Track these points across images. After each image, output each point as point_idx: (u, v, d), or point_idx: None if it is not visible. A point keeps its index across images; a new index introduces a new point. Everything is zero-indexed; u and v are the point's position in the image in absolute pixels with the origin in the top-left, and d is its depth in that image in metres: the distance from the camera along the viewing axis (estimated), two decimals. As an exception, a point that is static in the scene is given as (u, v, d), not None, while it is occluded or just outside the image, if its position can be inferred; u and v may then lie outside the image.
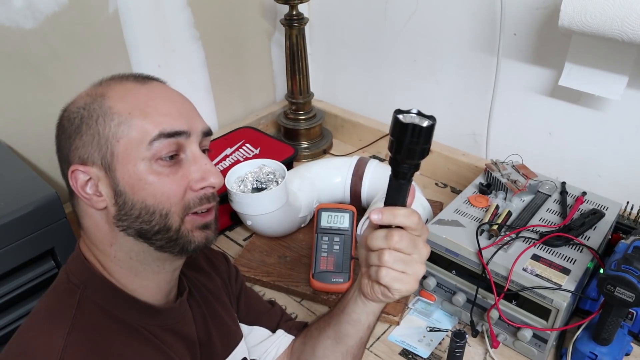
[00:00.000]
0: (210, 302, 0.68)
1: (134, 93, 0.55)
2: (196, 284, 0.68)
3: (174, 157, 0.54)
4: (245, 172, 1.06)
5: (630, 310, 0.82)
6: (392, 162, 0.52)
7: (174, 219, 0.54)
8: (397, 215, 0.53)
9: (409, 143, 0.49)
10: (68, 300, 0.54)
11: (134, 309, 0.57)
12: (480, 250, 0.83)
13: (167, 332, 0.59)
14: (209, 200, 0.56)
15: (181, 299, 0.62)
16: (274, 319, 0.77)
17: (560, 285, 0.77)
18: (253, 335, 0.75)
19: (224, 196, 1.05)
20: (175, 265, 0.60)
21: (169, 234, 0.54)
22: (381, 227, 0.55)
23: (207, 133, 0.59)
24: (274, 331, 0.76)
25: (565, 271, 0.79)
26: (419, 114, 0.49)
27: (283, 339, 0.75)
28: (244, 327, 0.74)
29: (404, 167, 0.51)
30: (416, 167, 0.52)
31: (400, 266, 0.54)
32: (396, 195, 0.53)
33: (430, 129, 0.49)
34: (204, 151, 0.58)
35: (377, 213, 0.54)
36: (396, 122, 0.49)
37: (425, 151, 0.50)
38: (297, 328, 0.76)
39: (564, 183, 0.98)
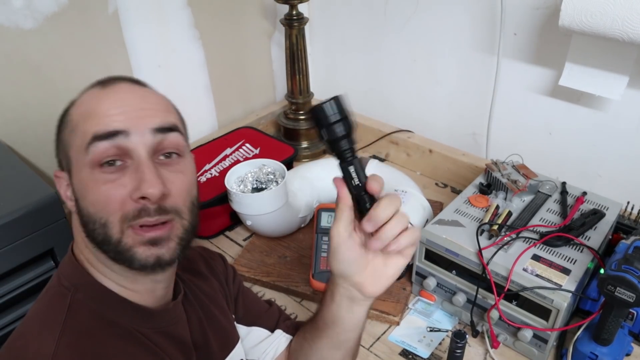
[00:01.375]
0: (206, 305, 0.67)
1: (91, 99, 0.54)
2: (192, 287, 0.66)
3: (118, 163, 0.51)
4: (245, 172, 1.06)
5: (630, 310, 0.82)
6: (332, 148, 0.53)
7: (113, 230, 0.51)
8: (379, 177, 0.54)
9: (323, 124, 0.52)
10: (59, 304, 0.53)
11: (126, 312, 0.55)
12: (480, 250, 0.83)
13: (161, 335, 0.57)
14: (149, 214, 0.50)
15: (175, 301, 0.61)
16: (272, 319, 0.76)
17: (561, 286, 0.77)
18: (251, 336, 0.75)
19: (224, 196, 1.06)
20: (150, 279, 0.56)
21: (112, 245, 0.51)
22: (361, 212, 0.54)
23: (164, 129, 0.53)
24: (272, 331, 0.75)
25: (566, 271, 0.79)
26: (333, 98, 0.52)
27: (281, 339, 0.75)
28: (242, 328, 0.74)
29: (342, 144, 0.52)
30: (349, 141, 0.53)
31: (407, 221, 0.54)
32: (362, 171, 0.54)
33: (325, 107, 0.52)
34: (167, 155, 0.53)
35: (375, 182, 0.53)
36: (311, 114, 0.53)
37: (338, 125, 0.52)
38: (295, 327, 0.76)
39: (564, 183, 0.98)
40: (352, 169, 0.53)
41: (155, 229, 0.51)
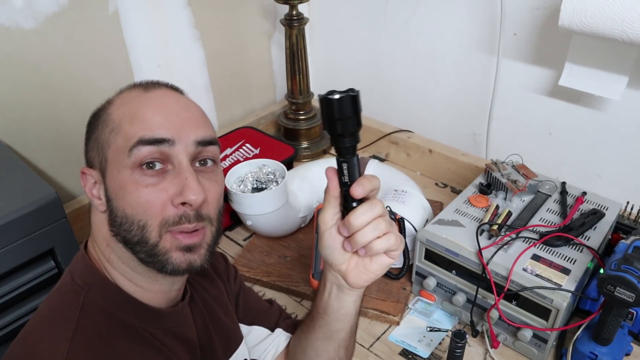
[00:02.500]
0: (211, 306, 0.68)
1: (133, 101, 0.55)
2: (197, 288, 0.67)
3: (158, 167, 0.52)
4: (245, 172, 1.06)
5: (630, 310, 0.82)
6: (333, 142, 0.52)
7: (152, 233, 0.52)
8: (372, 180, 0.54)
9: (330, 116, 0.50)
10: (72, 302, 0.53)
11: (136, 312, 0.56)
12: (480, 250, 0.83)
13: (169, 336, 0.58)
14: (189, 220, 0.52)
15: (183, 302, 0.62)
16: (272, 318, 0.77)
17: (561, 285, 0.77)
18: (252, 335, 0.75)
19: (224, 196, 1.05)
20: (171, 281, 0.58)
21: (147, 247, 0.52)
22: (345, 208, 0.54)
23: (205, 142, 0.55)
24: (272, 330, 0.76)
25: (566, 271, 0.79)
26: (345, 90, 0.50)
27: (282, 337, 0.75)
28: (243, 327, 0.74)
29: (344, 141, 0.51)
30: (352, 139, 0.52)
31: (391, 227, 0.54)
32: (355, 171, 0.53)
33: (342, 100, 0.49)
34: (203, 163, 0.55)
35: (360, 187, 0.52)
36: (320, 102, 0.51)
37: (347, 122, 0.50)
38: (295, 326, 0.76)
39: (564, 183, 0.98)
40: (345, 166, 0.53)
41: (192, 235, 0.53)
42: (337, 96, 0.49)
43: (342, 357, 0.68)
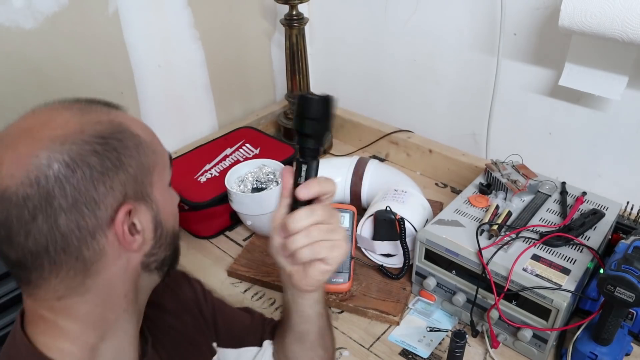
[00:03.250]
0: (177, 345, 0.63)
1: (134, 121, 0.52)
2: (161, 326, 0.62)
3: None
4: (245, 172, 1.06)
5: (630, 310, 0.82)
6: (298, 141, 0.54)
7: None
8: (323, 184, 0.54)
9: (303, 115, 0.52)
10: None
11: None
12: (480, 250, 0.83)
13: None
14: None
15: (146, 358, 0.56)
16: (257, 332, 0.74)
17: (560, 285, 0.77)
18: (243, 358, 0.72)
19: (224, 196, 1.06)
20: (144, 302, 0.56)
21: (177, 251, 0.56)
22: (293, 208, 0.54)
23: None
24: (260, 344, 0.73)
25: (565, 271, 0.79)
26: (322, 95, 0.53)
27: (269, 348, 0.73)
28: (230, 352, 0.71)
29: (308, 142, 0.53)
30: (317, 142, 0.53)
31: (330, 235, 0.53)
32: (312, 175, 0.55)
33: (319, 101, 0.52)
34: None
35: (305, 188, 0.53)
36: (298, 98, 0.53)
37: (318, 124, 0.53)
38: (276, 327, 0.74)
39: (564, 183, 0.98)
40: (303, 168, 0.54)
41: None
42: (315, 97, 0.51)
43: (322, 355, 0.67)
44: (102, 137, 0.46)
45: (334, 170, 1.13)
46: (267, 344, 0.73)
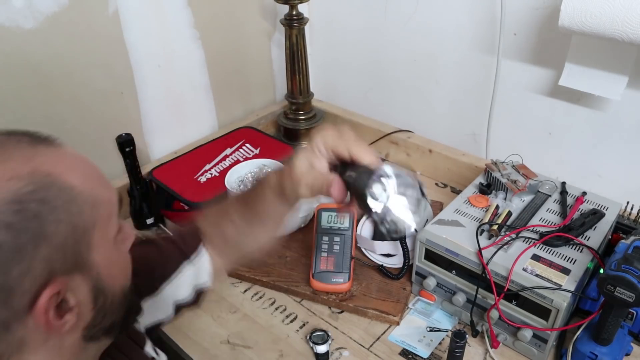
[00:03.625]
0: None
1: (66, 159, 0.42)
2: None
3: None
4: (245, 172, 1.06)
5: (630, 310, 0.82)
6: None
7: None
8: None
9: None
10: None
11: None
12: (480, 250, 0.83)
13: None
14: None
15: None
16: (178, 255, 0.67)
17: (560, 285, 0.77)
18: (181, 287, 0.66)
19: (224, 196, 1.05)
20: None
21: (134, 308, 0.49)
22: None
23: None
24: (188, 258, 0.67)
25: (565, 271, 0.79)
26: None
27: (204, 260, 0.68)
28: (164, 293, 0.64)
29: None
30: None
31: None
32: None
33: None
34: None
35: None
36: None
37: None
38: (197, 235, 0.69)
39: (564, 183, 0.98)
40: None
41: None
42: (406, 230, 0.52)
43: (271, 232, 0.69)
44: (18, 200, 0.36)
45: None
46: (200, 255, 0.68)
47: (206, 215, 0.72)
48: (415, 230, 0.52)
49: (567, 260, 0.81)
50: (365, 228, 1.00)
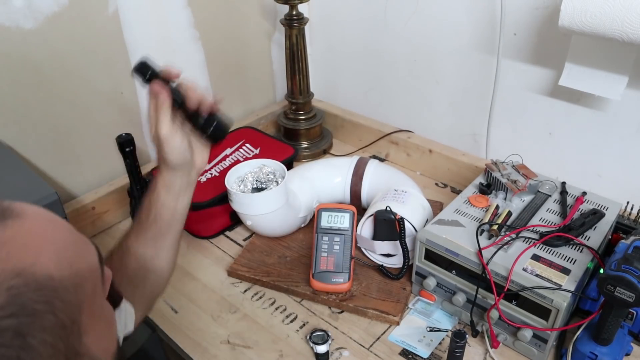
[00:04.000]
0: None
1: (43, 231, 0.37)
2: None
3: None
4: (245, 172, 1.06)
5: (630, 310, 0.82)
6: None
7: None
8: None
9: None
10: None
11: None
12: (480, 250, 0.83)
13: None
14: None
15: None
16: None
17: (560, 285, 0.77)
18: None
19: (224, 196, 1.06)
20: None
21: None
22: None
23: None
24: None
25: (566, 271, 0.79)
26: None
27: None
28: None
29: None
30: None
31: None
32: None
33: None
34: None
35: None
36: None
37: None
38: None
39: (564, 183, 0.98)
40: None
41: None
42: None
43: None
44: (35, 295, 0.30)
45: (334, 170, 1.13)
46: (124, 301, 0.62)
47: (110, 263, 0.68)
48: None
49: (567, 260, 0.81)
50: (365, 228, 1.00)
